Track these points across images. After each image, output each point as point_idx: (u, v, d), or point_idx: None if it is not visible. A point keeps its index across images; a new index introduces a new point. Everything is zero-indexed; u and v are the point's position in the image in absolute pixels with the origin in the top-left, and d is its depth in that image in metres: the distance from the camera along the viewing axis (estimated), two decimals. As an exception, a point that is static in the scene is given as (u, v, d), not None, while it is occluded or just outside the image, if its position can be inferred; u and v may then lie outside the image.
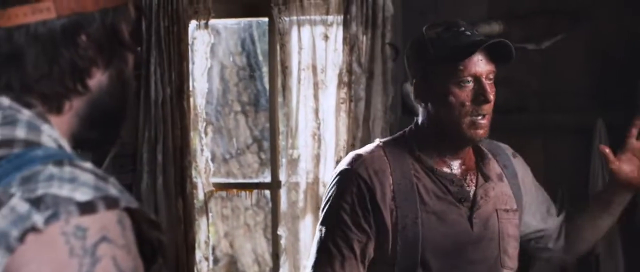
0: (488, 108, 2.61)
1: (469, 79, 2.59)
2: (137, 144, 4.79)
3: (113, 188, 1.23)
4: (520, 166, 2.85)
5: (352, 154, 2.73)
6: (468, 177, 2.70)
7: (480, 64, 2.60)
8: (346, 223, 2.64)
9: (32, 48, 1.31)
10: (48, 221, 1.16)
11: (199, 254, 4.87)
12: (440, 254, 2.62)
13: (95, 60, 1.35)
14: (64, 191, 1.18)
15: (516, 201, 2.76)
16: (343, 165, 2.71)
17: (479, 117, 2.59)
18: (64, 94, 1.33)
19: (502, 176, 2.76)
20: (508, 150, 2.87)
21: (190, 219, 4.79)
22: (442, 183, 2.66)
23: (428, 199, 2.64)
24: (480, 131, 2.60)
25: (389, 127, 4.57)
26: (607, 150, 2.77)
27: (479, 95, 2.58)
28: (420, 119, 2.70)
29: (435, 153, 2.68)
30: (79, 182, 1.20)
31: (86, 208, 1.18)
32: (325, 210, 2.71)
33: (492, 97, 2.59)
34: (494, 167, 2.76)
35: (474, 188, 2.69)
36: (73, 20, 1.32)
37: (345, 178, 2.67)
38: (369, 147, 2.75)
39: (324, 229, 2.69)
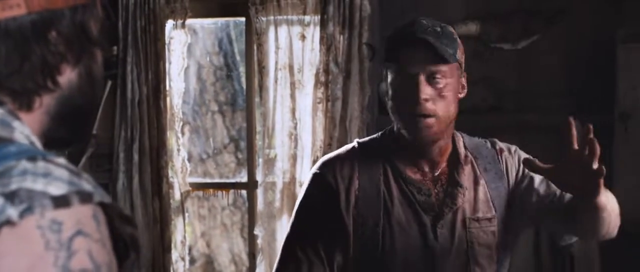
0: (427, 108, 2.47)
1: (409, 76, 2.47)
2: (114, 143, 4.78)
3: (86, 183, 1.23)
4: (513, 160, 2.69)
5: (324, 157, 2.69)
6: (438, 184, 2.61)
7: (419, 63, 2.47)
8: (313, 228, 2.62)
9: (3, 44, 1.31)
10: (23, 214, 1.16)
11: (175, 254, 4.86)
12: (403, 265, 2.56)
13: (66, 56, 1.35)
14: (38, 185, 1.18)
15: (495, 205, 2.62)
16: (314, 168, 2.67)
17: (419, 118, 2.47)
18: (34, 90, 1.33)
19: (479, 180, 2.64)
20: (497, 146, 2.71)
21: (167, 219, 4.78)
22: (409, 190, 2.58)
23: (392, 208, 2.57)
24: (421, 133, 2.49)
25: (365, 126, 4.57)
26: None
27: (413, 94, 2.46)
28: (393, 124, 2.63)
29: (408, 158, 2.60)
30: (53, 177, 1.20)
31: (60, 202, 1.18)
32: (294, 213, 2.67)
33: (424, 96, 2.45)
34: (471, 172, 2.64)
35: (441, 197, 2.59)
36: (43, 16, 1.32)
37: (313, 182, 2.63)
38: (342, 149, 2.70)
39: (292, 232, 2.66)
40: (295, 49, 4.66)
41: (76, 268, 1.17)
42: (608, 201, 2.58)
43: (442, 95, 2.48)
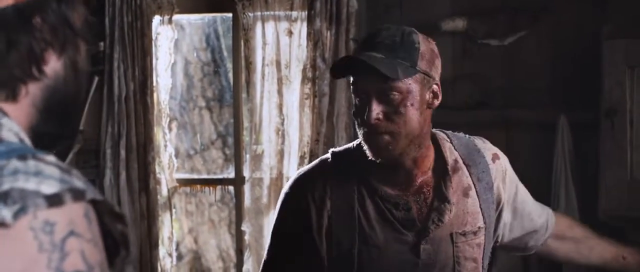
0: (380, 127, 2.38)
1: (361, 95, 2.40)
2: (100, 139, 4.77)
3: (77, 180, 1.23)
4: (499, 172, 2.61)
5: (296, 174, 2.59)
6: (421, 197, 2.50)
7: (368, 81, 2.38)
8: (286, 252, 2.58)
9: None
10: (16, 215, 1.16)
11: (162, 250, 4.85)
12: None
13: (51, 44, 1.35)
14: (31, 184, 1.18)
15: (485, 216, 2.55)
16: (286, 186, 2.58)
17: (373, 136, 2.40)
18: (19, 78, 1.33)
19: (469, 190, 2.54)
20: (488, 153, 2.62)
21: (154, 215, 4.77)
22: (386, 207, 2.48)
23: (368, 228, 2.46)
24: (379, 151, 2.40)
25: (352, 123, 4.57)
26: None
27: (364, 113, 2.38)
28: None
29: (382, 172, 2.48)
30: (45, 175, 1.20)
31: (53, 200, 1.18)
32: (271, 232, 2.62)
33: (375, 115, 2.36)
34: (461, 182, 2.54)
35: (425, 212, 2.49)
36: (29, 4, 1.32)
37: (285, 202, 2.56)
38: (316, 164, 2.59)
39: (268, 257, 2.62)
40: (282, 45, 4.65)
41: (69, 270, 1.17)
42: None
43: (398, 112, 2.38)
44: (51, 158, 1.24)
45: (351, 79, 2.43)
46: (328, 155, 2.59)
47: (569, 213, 4.12)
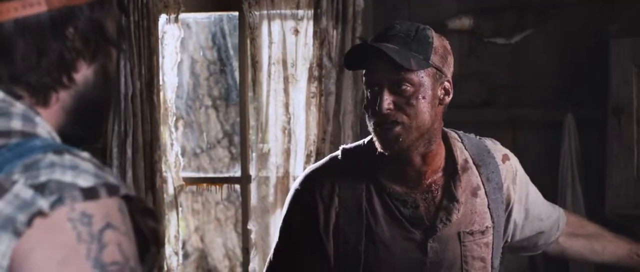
0: (390, 117, 2.38)
1: (372, 85, 2.40)
2: (107, 138, 4.77)
3: (111, 176, 1.26)
4: (510, 173, 2.62)
5: (306, 171, 2.59)
6: (429, 195, 2.49)
7: (381, 71, 2.38)
8: (293, 250, 2.57)
9: (21, 39, 1.33)
10: (53, 205, 1.18)
11: (169, 249, 4.86)
12: None
13: (82, 53, 1.37)
14: (67, 177, 1.21)
15: (493, 216, 2.55)
16: (296, 183, 2.57)
17: (383, 127, 2.39)
18: (50, 86, 1.35)
19: (478, 190, 2.54)
20: (498, 154, 2.62)
21: (160, 214, 4.77)
22: (394, 205, 2.47)
23: (375, 226, 2.46)
24: (388, 143, 2.40)
25: (359, 121, 4.57)
26: None
27: (376, 104, 2.38)
28: None
29: (391, 169, 2.48)
30: (80, 169, 1.23)
31: (89, 194, 1.21)
32: (279, 229, 2.61)
33: (386, 105, 2.36)
34: (470, 181, 2.53)
35: (433, 210, 2.49)
36: (62, 12, 1.34)
37: (294, 200, 2.55)
38: (326, 161, 2.59)
39: (274, 255, 2.61)
40: (288, 44, 4.65)
41: (108, 261, 1.20)
42: None
43: (409, 103, 2.38)
44: (85, 154, 1.27)
45: (364, 71, 2.45)
46: (339, 152, 2.59)
47: (575, 211, 4.11)
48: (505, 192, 2.60)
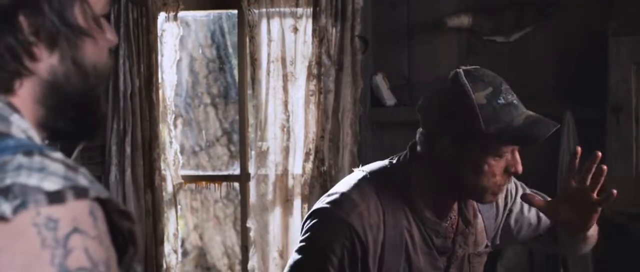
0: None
1: (507, 152, 2.42)
2: (106, 136, 4.77)
3: (83, 178, 1.21)
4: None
5: (347, 199, 2.45)
6: (450, 222, 2.52)
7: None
8: None
9: None
10: (16, 210, 1.14)
11: (167, 247, 4.86)
12: None
13: (35, 42, 1.32)
14: (32, 180, 1.17)
15: (488, 234, 2.61)
16: (337, 210, 2.44)
17: (503, 185, 2.44)
18: (8, 76, 1.31)
19: (477, 211, 2.59)
20: None
21: (159, 212, 4.77)
22: (428, 235, 2.48)
23: (413, 254, 2.47)
24: (499, 196, 2.50)
25: (358, 119, 4.57)
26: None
27: (511, 167, 2.41)
28: (423, 168, 2.46)
29: (429, 201, 2.48)
30: (48, 172, 1.18)
31: (55, 198, 1.16)
32: (308, 250, 2.47)
33: (521, 168, 2.43)
34: (471, 202, 2.56)
35: (452, 236, 2.52)
36: (10, 2, 1.31)
37: (337, 227, 2.42)
38: (363, 193, 2.46)
39: None
40: (287, 42, 4.66)
41: (73, 266, 1.15)
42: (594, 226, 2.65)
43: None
44: (58, 155, 1.23)
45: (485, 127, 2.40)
46: (363, 174, 2.52)
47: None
48: (500, 204, 2.65)
